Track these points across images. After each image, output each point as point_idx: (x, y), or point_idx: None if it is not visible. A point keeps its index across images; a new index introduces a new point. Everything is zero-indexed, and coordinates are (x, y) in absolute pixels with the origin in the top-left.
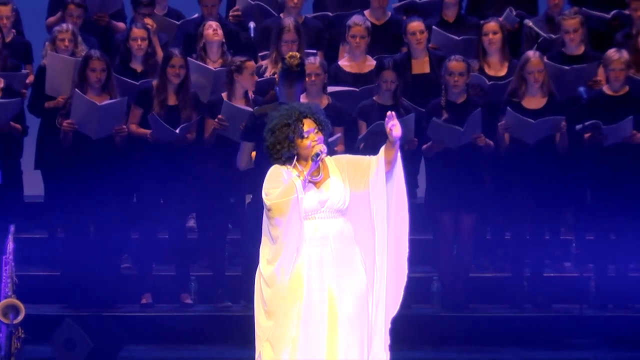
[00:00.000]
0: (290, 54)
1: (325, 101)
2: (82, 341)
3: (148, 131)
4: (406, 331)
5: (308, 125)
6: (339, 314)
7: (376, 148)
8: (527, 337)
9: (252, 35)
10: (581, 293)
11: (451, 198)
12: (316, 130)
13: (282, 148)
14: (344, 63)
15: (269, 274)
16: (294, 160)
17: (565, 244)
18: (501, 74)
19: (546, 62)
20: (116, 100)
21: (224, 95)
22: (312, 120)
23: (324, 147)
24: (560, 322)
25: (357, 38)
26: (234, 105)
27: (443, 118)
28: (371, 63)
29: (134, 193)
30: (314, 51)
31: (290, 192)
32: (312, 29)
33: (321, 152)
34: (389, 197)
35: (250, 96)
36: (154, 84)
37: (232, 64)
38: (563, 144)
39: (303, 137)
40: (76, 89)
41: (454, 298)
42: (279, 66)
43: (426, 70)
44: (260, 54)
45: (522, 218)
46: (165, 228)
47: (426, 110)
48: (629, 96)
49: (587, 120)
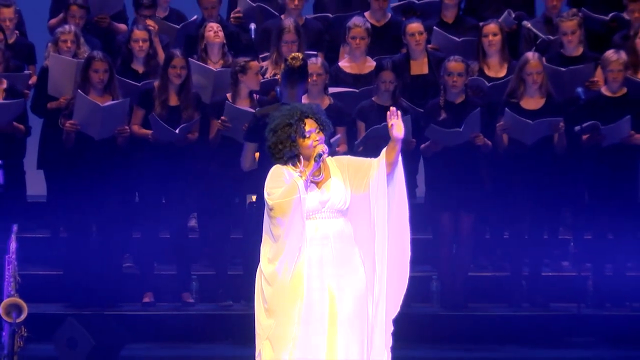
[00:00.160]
0: (292, 55)
1: (326, 101)
2: (84, 340)
3: (150, 132)
4: (406, 330)
5: (310, 125)
6: (339, 314)
7: (376, 150)
8: (526, 336)
9: (253, 36)
10: (579, 292)
11: (450, 198)
12: (317, 130)
13: (284, 148)
14: (344, 64)
15: (270, 273)
16: (296, 160)
17: (563, 244)
18: (501, 75)
19: (544, 64)
20: (118, 101)
21: (229, 96)
22: (314, 120)
23: (326, 148)
24: (558, 321)
25: (357, 39)
26: (236, 106)
27: (442, 118)
28: (371, 64)
29: (136, 193)
30: (314, 52)
31: (292, 192)
32: (313, 30)
33: (323, 153)
34: (390, 199)
35: (255, 97)
36: (156, 85)
37: (236, 65)
38: (561, 145)
39: (305, 137)
40: (79, 90)
41: (453, 297)
42: (280, 67)
43: (425, 71)
44: (260, 55)
45: (521, 218)
46: (167, 228)
47: (425, 110)
48: (627, 97)
49: (585, 121)
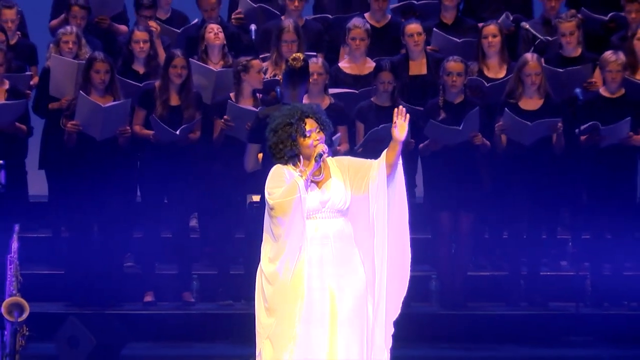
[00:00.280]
0: (293, 56)
1: (326, 101)
2: (86, 339)
3: (151, 132)
4: (405, 329)
5: (310, 124)
6: (339, 313)
7: (375, 151)
8: (524, 335)
9: (253, 37)
10: (577, 291)
11: (449, 198)
12: (318, 130)
13: (285, 147)
14: (344, 65)
15: (271, 272)
16: (297, 159)
17: (561, 243)
18: (500, 76)
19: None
20: (120, 101)
21: (232, 95)
22: (314, 120)
23: (326, 147)
24: (556, 320)
25: (357, 40)
26: (238, 105)
27: (440, 118)
28: (371, 65)
29: (137, 193)
30: (314, 53)
31: (293, 192)
32: (312, 31)
33: (324, 152)
34: (390, 201)
35: (258, 96)
36: (156, 85)
37: (238, 64)
38: (560, 145)
39: (305, 136)
40: (81, 91)
41: (452, 296)
42: (281, 67)
43: (423, 71)
44: (261, 56)
45: (520, 218)
46: (168, 227)
47: (424, 110)
48: (625, 98)
49: (584, 121)
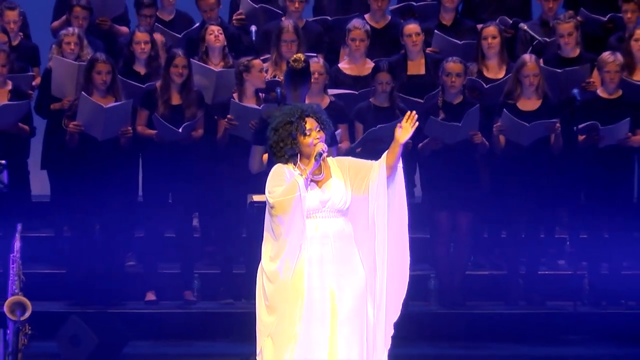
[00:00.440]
0: (294, 58)
1: (326, 100)
2: (88, 337)
3: (154, 132)
4: (404, 328)
5: (310, 123)
6: (339, 313)
7: (373, 152)
8: (523, 334)
9: (254, 38)
10: (575, 290)
11: (448, 197)
12: (318, 129)
13: (285, 146)
14: (344, 66)
15: (272, 271)
16: (297, 158)
17: (559, 243)
18: (499, 77)
19: (540, 66)
20: (121, 102)
21: (235, 96)
22: (314, 119)
23: (325, 146)
24: (554, 319)
25: (357, 41)
26: (242, 104)
27: (440, 118)
28: (370, 66)
29: (139, 192)
30: (314, 54)
31: (293, 190)
32: (312, 33)
33: (323, 151)
34: (390, 203)
35: (260, 95)
36: (158, 85)
37: (240, 65)
38: (558, 145)
39: (305, 135)
40: (82, 92)
41: (451, 295)
42: (281, 67)
43: (422, 71)
44: (262, 57)
45: (518, 217)
46: (171, 227)
47: (423, 110)
48: (622, 99)
49: (581, 122)
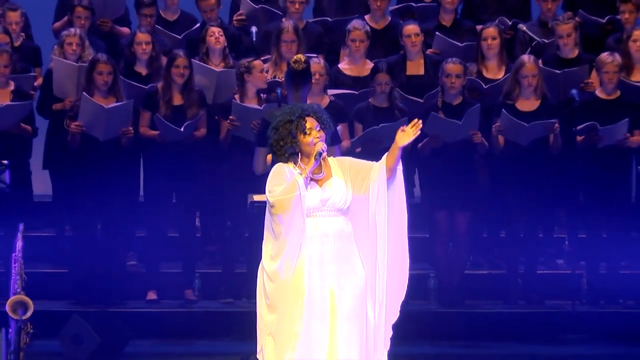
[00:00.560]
0: (294, 59)
1: (326, 100)
2: (89, 336)
3: (157, 132)
4: (403, 327)
5: (310, 123)
6: (339, 312)
7: (372, 152)
8: (522, 333)
9: (254, 39)
10: (573, 290)
11: (447, 197)
12: (318, 128)
13: (285, 144)
14: (344, 66)
15: (272, 270)
16: (297, 157)
17: (558, 242)
18: (498, 77)
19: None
20: (122, 102)
21: (237, 97)
22: (315, 118)
23: (325, 146)
24: (553, 318)
25: (357, 42)
26: (243, 105)
27: None
28: (370, 66)
29: (140, 192)
30: (315, 55)
31: (292, 190)
32: (313, 34)
33: (323, 151)
34: (389, 205)
35: (262, 96)
36: (159, 86)
37: (241, 67)
38: (556, 145)
39: (305, 134)
40: (84, 93)
41: (451, 294)
42: (281, 68)
43: (421, 72)
44: (262, 58)
45: (517, 217)
46: (173, 226)
47: (423, 110)
48: (621, 100)
49: (580, 122)
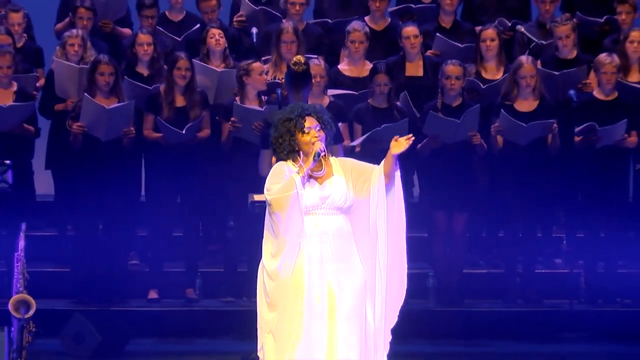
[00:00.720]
0: (294, 60)
1: (326, 100)
2: (91, 335)
3: (161, 135)
4: (402, 326)
5: (310, 122)
6: (338, 311)
7: (371, 153)
8: (520, 331)
9: (255, 40)
10: (571, 289)
11: (446, 197)
12: (318, 128)
13: (284, 142)
14: (344, 67)
15: (272, 269)
16: (296, 155)
17: (556, 242)
18: (497, 78)
19: (538, 67)
20: (124, 103)
21: (237, 99)
22: (315, 118)
23: (323, 146)
24: (551, 317)
25: (356, 43)
26: (244, 106)
27: None
28: (370, 67)
29: (144, 192)
30: (315, 56)
31: (290, 188)
32: (313, 35)
33: (321, 151)
34: (388, 210)
35: (263, 98)
36: (162, 88)
37: (240, 69)
38: (555, 146)
39: (304, 132)
40: (85, 94)
41: (449, 294)
42: (281, 69)
43: (420, 73)
44: (262, 59)
45: (515, 216)
46: (174, 226)
47: (423, 111)
48: (618, 101)
49: (578, 123)
